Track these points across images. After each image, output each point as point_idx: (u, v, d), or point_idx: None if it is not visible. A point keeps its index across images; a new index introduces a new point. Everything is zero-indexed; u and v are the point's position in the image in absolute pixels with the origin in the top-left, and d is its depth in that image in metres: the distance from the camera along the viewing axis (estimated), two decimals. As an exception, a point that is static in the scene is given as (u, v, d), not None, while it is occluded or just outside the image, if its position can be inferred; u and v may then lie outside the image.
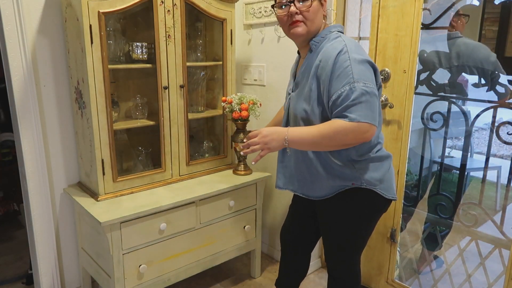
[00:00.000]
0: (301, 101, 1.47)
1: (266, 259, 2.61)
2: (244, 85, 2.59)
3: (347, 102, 1.28)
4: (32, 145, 1.92)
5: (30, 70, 1.87)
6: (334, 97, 1.32)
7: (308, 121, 1.45)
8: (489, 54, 1.90)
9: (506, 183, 1.96)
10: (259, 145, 1.40)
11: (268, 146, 1.39)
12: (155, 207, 1.82)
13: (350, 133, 1.29)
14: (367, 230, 1.58)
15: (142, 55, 1.98)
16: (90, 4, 1.68)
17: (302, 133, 1.37)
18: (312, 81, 1.41)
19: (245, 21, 2.45)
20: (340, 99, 1.30)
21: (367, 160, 1.45)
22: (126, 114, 2.15)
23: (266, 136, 1.39)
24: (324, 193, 1.51)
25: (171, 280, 1.98)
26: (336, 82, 1.32)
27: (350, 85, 1.29)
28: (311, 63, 1.44)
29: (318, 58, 1.40)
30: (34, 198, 1.97)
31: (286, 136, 1.37)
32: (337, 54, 1.33)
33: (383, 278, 2.21)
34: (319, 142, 1.34)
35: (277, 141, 1.39)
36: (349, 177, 1.45)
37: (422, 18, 1.85)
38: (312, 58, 1.45)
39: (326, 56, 1.36)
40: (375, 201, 1.50)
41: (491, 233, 1.98)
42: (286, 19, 1.44)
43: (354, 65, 1.31)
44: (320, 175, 1.48)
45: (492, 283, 1.98)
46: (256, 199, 2.27)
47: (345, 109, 1.29)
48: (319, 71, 1.38)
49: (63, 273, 2.17)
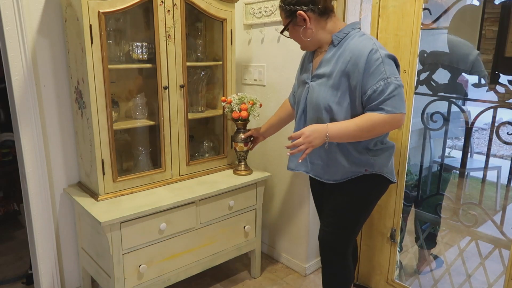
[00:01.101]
0: (326, 92, 1.55)
1: (266, 259, 2.61)
2: (244, 85, 2.59)
3: (383, 96, 1.43)
4: (32, 145, 1.92)
5: (30, 70, 1.87)
6: (369, 92, 1.45)
7: (332, 112, 1.54)
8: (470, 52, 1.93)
9: (506, 183, 1.96)
10: (304, 145, 1.48)
11: (312, 144, 1.48)
12: (155, 207, 1.82)
13: (387, 124, 1.45)
14: (369, 211, 1.72)
15: (142, 55, 1.98)
16: (90, 4, 1.68)
17: (342, 129, 1.48)
18: (341, 74, 1.51)
19: (245, 21, 2.45)
20: (376, 93, 1.44)
21: (380, 149, 1.61)
22: (126, 114, 2.15)
23: (309, 136, 1.48)
24: (338, 178, 1.63)
25: (171, 280, 1.98)
26: (370, 78, 1.45)
27: (384, 80, 1.43)
28: (337, 56, 1.54)
29: (347, 53, 1.50)
30: (34, 198, 1.97)
31: (327, 132, 1.47)
32: (369, 52, 1.44)
33: (383, 278, 2.21)
34: (359, 135, 1.48)
35: (319, 138, 1.47)
36: (364, 164, 1.59)
37: (422, 18, 1.85)
38: (336, 52, 1.55)
39: (358, 53, 1.47)
40: (382, 184, 1.67)
41: (491, 233, 1.98)
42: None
43: (385, 62, 1.44)
44: (338, 161, 1.60)
45: (492, 283, 1.98)
46: (256, 199, 2.27)
47: (381, 102, 1.43)
48: (349, 67, 1.48)
49: (63, 273, 2.17)
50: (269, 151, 2.51)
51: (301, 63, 1.79)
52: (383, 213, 2.12)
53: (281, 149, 2.43)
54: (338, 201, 1.68)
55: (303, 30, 1.56)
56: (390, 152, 1.67)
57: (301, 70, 1.75)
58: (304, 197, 2.35)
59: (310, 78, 1.64)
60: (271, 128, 2.07)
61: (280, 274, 2.47)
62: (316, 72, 1.61)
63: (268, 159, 2.53)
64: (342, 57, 1.52)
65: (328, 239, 1.71)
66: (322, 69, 1.58)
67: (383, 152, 1.62)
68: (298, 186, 2.37)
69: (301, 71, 1.75)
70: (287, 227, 2.51)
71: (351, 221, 1.69)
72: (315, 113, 1.59)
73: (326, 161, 1.64)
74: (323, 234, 1.73)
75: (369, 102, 1.47)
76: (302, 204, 2.38)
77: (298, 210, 2.41)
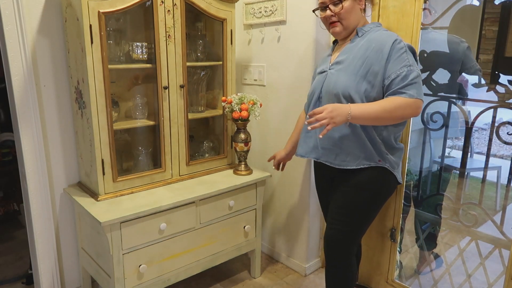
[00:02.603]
0: (344, 77, 1.58)
1: (266, 259, 2.61)
2: (244, 85, 2.59)
3: (406, 81, 1.49)
4: (32, 145, 1.92)
5: (30, 70, 1.87)
6: (393, 76, 1.51)
7: (349, 98, 1.56)
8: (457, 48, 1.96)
9: (506, 183, 1.96)
10: (326, 119, 1.44)
11: (334, 120, 1.45)
12: (155, 207, 1.82)
13: (408, 108, 1.49)
14: (377, 209, 1.72)
15: (142, 55, 1.98)
16: (90, 4, 1.68)
17: (365, 109, 1.48)
18: (361, 60, 1.56)
19: (245, 21, 2.45)
20: (399, 78, 1.50)
21: (393, 148, 1.65)
22: (126, 114, 2.15)
23: (332, 111, 1.45)
24: (350, 164, 1.64)
25: (171, 280, 1.98)
26: (394, 64, 1.51)
27: (407, 67, 1.50)
28: (359, 46, 1.61)
29: (370, 42, 1.58)
30: (34, 198, 1.97)
31: (350, 111, 1.46)
32: (394, 41, 1.53)
33: (383, 278, 2.21)
34: (381, 116, 1.49)
35: (341, 116, 1.45)
36: (379, 154, 1.62)
37: (422, 18, 1.85)
38: (359, 42, 1.62)
39: (382, 41, 1.54)
40: (391, 183, 1.69)
41: (491, 233, 1.98)
42: (325, 20, 1.68)
43: (407, 52, 1.53)
44: (352, 149, 1.62)
45: (492, 283, 1.98)
46: (256, 199, 2.27)
47: (404, 87, 1.49)
48: (372, 53, 1.55)
49: (63, 273, 2.17)
50: (269, 151, 2.51)
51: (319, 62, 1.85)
52: (383, 213, 2.12)
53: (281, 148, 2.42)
54: (348, 195, 1.67)
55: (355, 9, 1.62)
56: (400, 154, 1.70)
57: (319, 65, 1.79)
58: (304, 197, 2.35)
59: (329, 67, 1.68)
60: (294, 144, 1.98)
61: (280, 274, 2.47)
62: (336, 60, 1.66)
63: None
64: (364, 46, 1.58)
65: (336, 237, 1.69)
66: (342, 57, 1.64)
67: (396, 152, 1.66)
68: (298, 186, 2.37)
69: (319, 65, 1.79)
70: (287, 227, 2.51)
71: (361, 218, 1.68)
72: (332, 100, 1.60)
73: (339, 147, 1.64)
74: (331, 232, 1.71)
75: (391, 87, 1.51)
76: (302, 204, 2.38)
77: (298, 210, 2.41)
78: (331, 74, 1.65)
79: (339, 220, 1.69)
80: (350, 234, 1.69)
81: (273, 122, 2.45)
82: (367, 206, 1.67)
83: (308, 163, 2.28)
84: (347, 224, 1.68)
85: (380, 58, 1.52)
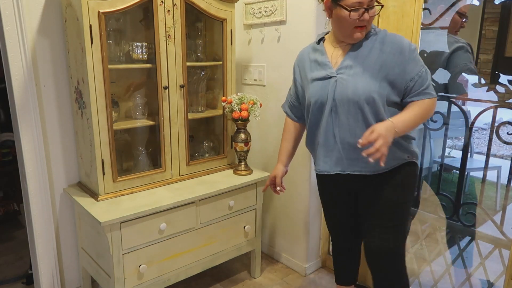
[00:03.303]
0: (365, 82, 1.48)
1: (266, 259, 2.61)
2: (244, 85, 2.59)
3: (427, 82, 1.49)
4: (32, 145, 1.92)
5: (30, 70, 1.87)
6: (416, 78, 1.48)
7: (374, 103, 1.47)
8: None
9: (506, 183, 1.96)
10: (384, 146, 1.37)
11: (387, 141, 1.39)
12: (155, 207, 1.82)
13: (432, 107, 1.51)
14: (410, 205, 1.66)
15: (142, 55, 1.98)
16: (90, 4, 1.68)
17: (405, 121, 1.46)
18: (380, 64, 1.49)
19: (245, 21, 2.45)
20: (420, 79, 1.48)
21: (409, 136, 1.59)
22: (126, 114, 2.15)
23: (386, 135, 1.38)
24: (382, 168, 1.54)
25: (171, 280, 1.98)
26: (413, 66, 1.48)
27: (423, 67, 1.49)
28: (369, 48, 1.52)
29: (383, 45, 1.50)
30: (34, 198, 1.96)
31: (396, 128, 1.42)
32: (408, 43, 1.50)
33: (383, 278, 2.21)
34: (418, 123, 1.50)
35: (391, 135, 1.41)
36: (407, 150, 1.58)
37: (422, 18, 1.85)
38: (368, 44, 1.53)
39: (400, 44, 1.49)
40: (417, 173, 1.66)
41: (491, 233, 1.98)
42: (353, 22, 1.46)
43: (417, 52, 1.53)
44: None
45: (492, 283, 1.98)
46: (256, 199, 2.26)
47: (426, 87, 1.48)
48: (388, 56, 1.48)
49: (63, 273, 2.17)
50: (269, 151, 2.51)
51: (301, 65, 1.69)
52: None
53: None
54: (388, 198, 1.57)
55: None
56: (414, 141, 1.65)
57: (310, 70, 1.63)
58: (304, 197, 2.35)
59: (335, 71, 1.53)
60: (290, 156, 1.87)
61: (280, 274, 2.47)
62: (343, 64, 1.53)
63: (268, 159, 2.53)
64: (377, 48, 1.50)
65: (388, 246, 1.58)
66: (351, 61, 1.52)
67: (411, 140, 1.61)
68: (298, 186, 2.37)
69: (311, 70, 1.63)
70: (287, 227, 2.51)
71: (406, 217, 1.60)
72: (354, 107, 1.49)
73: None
74: (380, 243, 1.58)
75: (415, 88, 1.48)
76: (302, 204, 2.38)
77: (298, 210, 2.41)
78: (343, 80, 1.50)
79: (386, 227, 1.58)
80: (401, 237, 1.60)
81: (273, 122, 2.45)
82: (408, 203, 1.61)
83: (308, 163, 2.28)
84: (395, 227, 1.58)
85: (400, 60, 1.47)
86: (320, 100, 1.56)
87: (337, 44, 1.58)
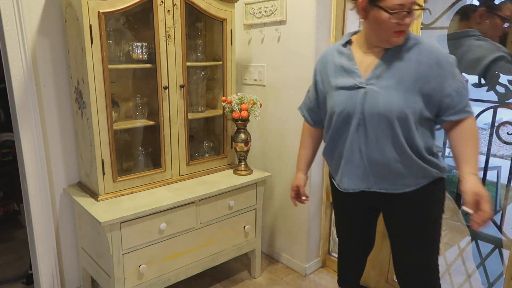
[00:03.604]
0: (399, 96, 1.35)
1: (266, 259, 2.61)
2: (244, 85, 2.59)
3: (465, 99, 1.38)
4: (32, 145, 1.92)
5: (30, 70, 1.87)
6: (454, 94, 1.36)
7: (406, 120, 1.36)
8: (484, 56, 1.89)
9: (506, 183, 1.96)
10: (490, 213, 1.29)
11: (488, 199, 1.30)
12: (155, 207, 1.82)
13: (477, 128, 1.40)
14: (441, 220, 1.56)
15: (142, 55, 1.98)
16: (90, 4, 1.68)
17: (475, 160, 1.37)
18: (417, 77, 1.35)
19: (245, 21, 2.45)
20: (458, 96, 1.36)
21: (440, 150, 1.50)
22: (126, 114, 2.15)
23: (488, 200, 1.28)
24: (409, 187, 1.45)
25: (171, 280, 1.98)
26: (452, 80, 1.36)
27: (462, 82, 1.38)
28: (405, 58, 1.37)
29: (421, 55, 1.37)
30: (34, 198, 1.97)
31: (477, 174, 1.35)
32: (447, 55, 1.38)
33: (383, 278, 2.21)
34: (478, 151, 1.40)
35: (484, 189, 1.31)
36: (437, 166, 1.45)
37: (422, 18, 1.85)
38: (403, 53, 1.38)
39: (435, 54, 1.37)
40: (445, 187, 1.54)
41: (491, 233, 1.98)
42: (393, 26, 1.32)
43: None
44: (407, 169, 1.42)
45: (492, 283, 1.98)
46: (256, 199, 2.26)
47: (466, 103, 1.38)
48: (425, 68, 1.35)
49: (63, 273, 2.17)
50: (269, 151, 2.51)
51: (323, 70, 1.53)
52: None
53: (281, 148, 2.43)
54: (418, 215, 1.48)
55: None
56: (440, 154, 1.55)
57: (334, 75, 1.48)
58: (304, 197, 2.35)
59: (364, 82, 1.40)
60: (310, 163, 1.77)
61: (280, 274, 2.47)
62: (374, 73, 1.39)
63: (268, 159, 2.53)
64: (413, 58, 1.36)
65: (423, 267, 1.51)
66: (382, 70, 1.38)
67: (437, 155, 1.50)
68: (298, 186, 2.37)
69: (335, 76, 1.48)
70: (287, 227, 2.51)
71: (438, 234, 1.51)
72: (384, 123, 1.37)
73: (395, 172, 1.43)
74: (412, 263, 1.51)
75: (451, 106, 1.37)
76: (302, 204, 2.37)
77: (298, 210, 2.41)
78: (374, 92, 1.37)
79: (419, 246, 1.50)
80: (435, 255, 1.52)
81: (273, 122, 2.45)
82: (440, 219, 1.52)
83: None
84: (429, 245, 1.51)
85: (437, 73, 1.34)
86: (346, 112, 1.42)
87: (368, 49, 1.43)
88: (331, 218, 2.49)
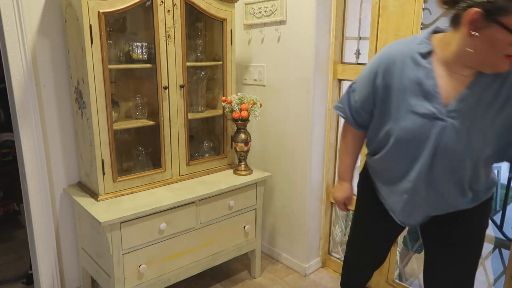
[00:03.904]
0: (484, 138, 1.16)
1: (266, 259, 2.61)
2: (244, 85, 2.59)
3: None
4: (32, 145, 1.92)
5: (30, 70, 1.87)
6: None
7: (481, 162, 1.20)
8: None
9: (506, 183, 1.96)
10: None
11: None
12: (155, 207, 1.82)
13: None
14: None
15: (142, 55, 1.98)
16: (90, 4, 1.68)
17: None
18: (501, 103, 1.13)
19: (245, 21, 2.45)
20: None
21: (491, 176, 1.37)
22: (126, 114, 2.15)
23: None
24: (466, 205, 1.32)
25: (171, 280, 1.98)
26: None
27: None
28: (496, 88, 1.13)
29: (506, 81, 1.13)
30: (34, 198, 1.97)
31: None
32: None
33: (383, 278, 2.21)
34: None
35: None
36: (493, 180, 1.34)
37: (422, 18, 1.85)
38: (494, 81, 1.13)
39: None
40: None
41: (491, 233, 1.98)
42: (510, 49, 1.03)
43: None
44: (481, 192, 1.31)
45: (492, 283, 1.98)
46: (256, 199, 2.27)
47: None
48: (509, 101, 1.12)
49: (63, 273, 2.17)
50: (269, 151, 2.51)
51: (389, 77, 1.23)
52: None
53: (281, 148, 2.43)
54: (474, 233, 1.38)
55: None
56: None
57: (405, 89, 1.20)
58: (304, 197, 2.35)
59: (444, 113, 1.15)
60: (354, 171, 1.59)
61: (280, 274, 2.47)
62: (460, 105, 1.14)
63: (268, 159, 2.53)
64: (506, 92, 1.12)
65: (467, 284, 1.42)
66: (473, 103, 1.13)
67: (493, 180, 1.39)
68: (298, 186, 2.37)
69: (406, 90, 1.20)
70: (287, 227, 2.51)
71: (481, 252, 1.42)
72: (455, 162, 1.19)
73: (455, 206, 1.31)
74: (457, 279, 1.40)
75: None
76: (302, 204, 2.38)
77: (298, 210, 2.41)
78: (456, 129, 1.14)
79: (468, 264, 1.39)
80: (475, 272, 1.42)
81: (273, 122, 2.45)
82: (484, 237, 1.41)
83: (309, 164, 2.28)
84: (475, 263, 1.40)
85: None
86: (416, 142, 1.20)
87: (457, 69, 1.14)
88: (331, 218, 2.49)
